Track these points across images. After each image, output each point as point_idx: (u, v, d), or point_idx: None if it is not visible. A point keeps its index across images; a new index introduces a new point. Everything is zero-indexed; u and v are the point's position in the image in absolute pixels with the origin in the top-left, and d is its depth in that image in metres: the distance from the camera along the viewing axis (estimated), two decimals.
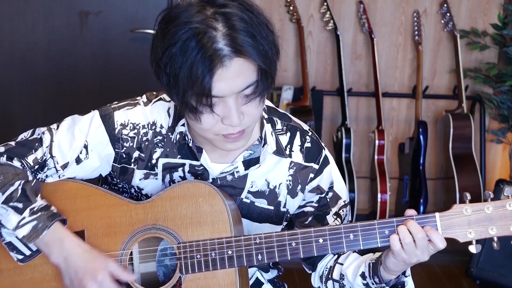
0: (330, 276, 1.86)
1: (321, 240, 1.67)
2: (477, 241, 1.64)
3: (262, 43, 1.56)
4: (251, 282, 1.96)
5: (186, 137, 1.78)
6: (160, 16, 1.62)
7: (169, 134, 1.80)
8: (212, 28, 1.53)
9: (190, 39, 1.53)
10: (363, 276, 1.76)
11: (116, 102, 1.85)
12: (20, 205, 1.73)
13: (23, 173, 1.78)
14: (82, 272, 1.70)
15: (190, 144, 1.78)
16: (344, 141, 4.26)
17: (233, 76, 1.55)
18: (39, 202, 1.75)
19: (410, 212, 1.66)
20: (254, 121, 1.68)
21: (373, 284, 1.74)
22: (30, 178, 1.79)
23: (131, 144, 1.81)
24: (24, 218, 1.72)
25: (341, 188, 1.91)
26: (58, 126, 1.84)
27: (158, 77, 1.61)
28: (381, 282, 1.72)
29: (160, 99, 1.83)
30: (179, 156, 1.80)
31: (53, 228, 1.73)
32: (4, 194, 1.74)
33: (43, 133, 1.83)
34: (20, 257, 1.78)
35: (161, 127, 1.81)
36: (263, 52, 1.56)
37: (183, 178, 1.81)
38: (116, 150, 1.81)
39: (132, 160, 1.82)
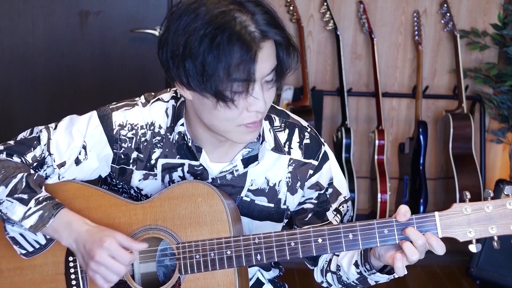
0: (328, 269, 1.87)
1: (320, 240, 1.67)
2: (477, 240, 1.64)
3: (280, 23, 1.62)
4: (251, 282, 1.96)
5: (185, 137, 1.78)
6: (171, 13, 1.62)
7: (168, 134, 1.81)
8: (239, 13, 1.56)
9: (221, 28, 1.55)
10: (356, 264, 1.77)
11: (114, 103, 1.85)
12: (25, 196, 1.74)
13: (24, 166, 1.79)
14: (90, 243, 1.69)
15: (190, 144, 1.78)
16: (344, 141, 4.26)
17: (265, 59, 1.59)
18: (44, 193, 1.76)
19: (403, 208, 1.64)
20: (267, 110, 1.70)
21: (365, 271, 1.75)
22: (32, 172, 1.79)
23: (129, 144, 1.81)
24: (30, 208, 1.73)
25: (342, 184, 1.91)
26: (56, 126, 1.85)
27: (180, 74, 1.61)
28: (371, 269, 1.73)
29: (158, 99, 1.83)
30: (178, 156, 1.81)
31: (60, 215, 1.73)
32: (8, 186, 1.75)
33: (41, 131, 1.84)
34: (24, 251, 1.79)
35: (160, 127, 1.81)
36: (284, 30, 1.63)
37: (183, 178, 1.81)
38: (115, 150, 1.81)
39: (131, 161, 1.82)
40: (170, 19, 1.62)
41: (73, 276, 1.79)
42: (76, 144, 1.81)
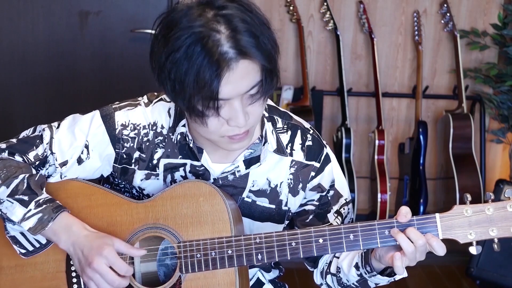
0: (328, 271, 1.87)
1: (321, 240, 1.67)
2: (477, 242, 1.64)
3: (264, 43, 1.56)
4: (252, 282, 1.96)
5: (187, 137, 1.78)
6: (158, 20, 1.61)
7: (170, 134, 1.80)
8: (216, 31, 1.53)
9: (194, 43, 1.53)
10: (356, 267, 1.76)
11: (117, 103, 1.85)
12: (25, 198, 1.74)
13: (26, 166, 1.79)
14: (88, 250, 1.70)
15: (191, 145, 1.78)
16: (344, 141, 4.26)
17: (239, 78, 1.55)
18: (44, 195, 1.76)
19: (404, 210, 1.64)
20: (257, 120, 1.68)
21: (365, 273, 1.75)
22: (34, 172, 1.79)
23: (131, 144, 1.81)
24: (30, 210, 1.73)
25: (343, 186, 1.91)
26: (59, 125, 1.85)
27: (162, 82, 1.60)
28: (372, 271, 1.73)
29: (161, 99, 1.83)
30: (180, 156, 1.81)
31: (59, 218, 1.73)
32: (9, 187, 1.75)
33: (44, 129, 1.84)
34: (23, 251, 1.79)
35: (162, 127, 1.81)
36: (267, 51, 1.57)
37: (185, 178, 1.81)
38: (117, 150, 1.81)
39: (133, 161, 1.82)
40: (157, 26, 1.61)
41: (74, 274, 1.79)
42: (78, 144, 1.81)
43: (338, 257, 1.84)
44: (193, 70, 1.53)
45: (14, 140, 1.84)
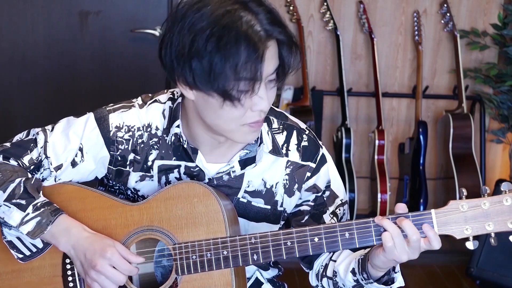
0: (324, 274, 1.86)
1: (316, 239, 1.67)
2: (474, 238, 1.63)
3: (282, 22, 1.63)
4: (250, 281, 1.96)
5: (181, 138, 1.78)
6: (174, 13, 1.62)
7: (165, 136, 1.80)
8: (244, 13, 1.57)
9: (227, 28, 1.55)
10: (353, 272, 1.76)
11: (111, 105, 1.85)
12: (23, 202, 1.74)
13: (21, 170, 1.79)
14: (91, 253, 1.70)
15: (185, 146, 1.78)
16: (344, 141, 4.26)
17: (270, 57, 1.60)
18: (42, 198, 1.76)
19: (400, 207, 1.65)
20: (268, 109, 1.71)
21: (362, 280, 1.74)
22: (29, 176, 1.79)
23: (126, 146, 1.81)
24: (27, 214, 1.73)
25: (339, 187, 1.90)
26: (52, 128, 1.85)
27: (188, 73, 1.60)
28: (369, 278, 1.72)
29: (155, 101, 1.83)
30: (174, 157, 1.80)
31: (58, 221, 1.73)
32: (6, 191, 1.75)
33: (37, 133, 1.84)
34: (21, 256, 1.79)
35: (157, 129, 1.81)
36: (287, 29, 1.63)
37: (179, 179, 1.81)
38: (111, 152, 1.81)
39: (128, 163, 1.82)
40: (173, 19, 1.62)
41: (70, 278, 1.79)
42: (72, 147, 1.81)
43: (335, 261, 1.84)
44: (232, 54, 1.55)
45: (8, 144, 1.84)
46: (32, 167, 1.81)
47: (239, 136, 1.69)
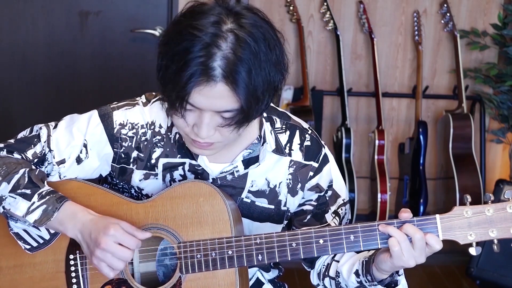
0: (327, 274, 1.86)
1: (321, 241, 1.67)
2: (477, 243, 1.64)
3: (255, 80, 1.56)
4: (251, 282, 1.96)
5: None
6: (186, 7, 1.64)
7: (169, 133, 1.81)
8: (217, 46, 1.54)
9: (194, 45, 1.54)
10: (357, 274, 1.76)
11: (115, 102, 1.85)
12: (28, 191, 1.74)
13: (25, 162, 1.79)
14: (96, 232, 1.69)
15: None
16: (344, 141, 4.26)
17: (215, 96, 1.57)
18: (46, 187, 1.76)
19: (405, 214, 1.65)
20: (225, 141, 1.69)
21: (366, 282, 1.75)
22: (33, 167, 1.79)
23: (129, 144, 1.81)
24: (33, 203, 1.73)
25: (341, 187, 1.90)
26: (56, 124, 1.85)
27: (157, 60, 1.64)
28: (373, 280, 1.72)
29: (159, 99, 1.83)
30: (179, 155, 1.81)
31: (63, 207, 1.73)
32: (10, 182, 1.75)
33: (41, 129, 1.84)
34: (28, 246, 1.79)
35: (160, 127, 1.81)
36: (251, 90, 1.57)
37: (184, 177, 1.81)
38: (115, 149, 1.81)
39: (131, 160, 1.82)
40: (181, 13, 1.65)
41: (73, 274, 1.79)
42: (76, 143, 1.81)
43: (337, 261, 1.84)
44: (179, 64, 1.55)
45: (12, 140, 1.85)
46: (35, 160, 1.81)
47: (188, 144, 1.73)
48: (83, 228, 1.71)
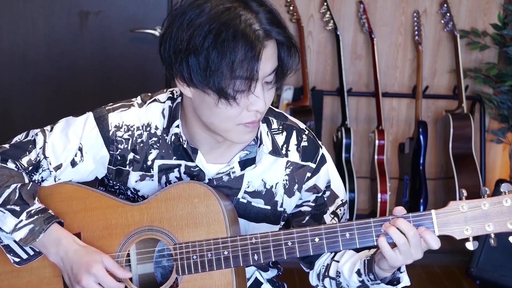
0: (326, 274, 1.86)
1: (317, 239, 1.67)
2: (474, 238, 1.63)
3: (282, 23, 1.63)
4: (250, 281, 1.96)
5: (180, 138, 1.78)
6: (175, 9, 1.62)
7: (164, 135, 1.80)
8: (244, 11, 1.57)
9: (226, 25, 1.55)
10: (358, 273, 1.76)
11: (110, 104, 1.85)
12: (17, 208, 1.74)
13: (18, 175, 1.79)
14: (77, 267, 1.70)
15: (185, 146, 1.78)
16: (344, 141, 4.26)
17: (268, 57, 1.59)
18: (37, 205, 1.76)
19: (398, 209, 1.65)
20: (267, 109, 1.70)
21: (368, 281, 1.74)
22: (26, 180, 1.79)
23: (125, 146, 1.81)
24: (21, 221, 1.73)
25: (339, 187, 1.90)
26: (52, 128, 1.85)
27: (185, 69, 1.60)
28: (376, 279, 1.72)
29: (155, 100, 1.83)
30: (174, 157, 1.80)
31: (50, 230, 1.74)
32: (1, 197, 1.75)
33: (36, 134, 1.84)
34: (17, 259, 1.79)
35: (156, 128, 1.81)
36: (287, 30, 1.63)
37: (179, 179, 1.81)
38: (111, 152, 1.81)
39: (127, 162, 1.82)
40: (173, 15, 1.62)
41: None
42: (72, 146, 1.81)
43: (337, 261, 1.84)
44: (229, 52, 1.55)
45: (7, 146, 1.84)
46: (30, 168, 1.81)
47: (235, 135, 1.69)
48: (66, 258, 1.72)
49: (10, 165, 1.80)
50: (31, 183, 1.79)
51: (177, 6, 1.63)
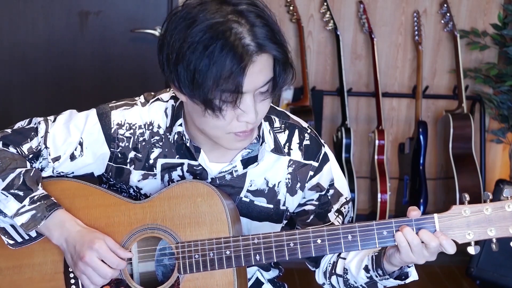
0: (333, 271, 1.86)
1: (319, 241, 1.67)
2: (476, 242, 1.64)
3: (279, 38, 1.59)
4: (251, 282, 1.96)
5: (183, 137, 1.78)
6: (170, 17, 1.62)
7: (167, 134, 1.81)
8: (236, 24, 1.55)
9: (216, 37, 1.54)
10: (366, 269, 1.76)
11: (114, 101, 1.85)
12: (20, 193, 1.75)
13: (20, 158, 1.80)
14: (80, 245, 1.71)
15: (188, 144, 1.78)
16: (344, 141, 4.26)
17: (257, 71, 1.57)
18: (40, 191, 1.77)
19: (414, 212, 1.64)
20: (260, 119, 1.70)
21: (376, 276, 1.74)
22: (28, 166, 1.80)
23: (126, 144, 1.81)
24: (24, 206, 1.74)
25: (342, 185, 1.90)
26: (55, 119, 1.86)
27: (175, 77, 1.60)
28: (384, 274, 1.73)
29: (158, 99, 1.83)
30: (177, 156, 1.81)
31: (52, 216, 1.74)
32: (5, 180, 1.76)
33: (39, 123, 1.85)
34: (11, 242, 1.80)
35: (159, 127, 1.81)
36: (282, 45, 1.60)
37: (182, 177, 1.81)
38: (112, 149, 1.82)
39: (128, 160, 1.82)
40: (169, 21, 1.62)
41: (72, 275, 1.79)
42: (72, 140, 1.81)
43: (344, 258, 1.84)
44: (215, 64, 1.53)
45: (9, 131, 1.85)
46: (30, 155, 1.82)
47: (226, 143, 1.69)
48: (69, 238, 1.73)
49: (12, 150, 1.81)
50: (34, 169, 1.80)
51: (174, 12, 1.62)
